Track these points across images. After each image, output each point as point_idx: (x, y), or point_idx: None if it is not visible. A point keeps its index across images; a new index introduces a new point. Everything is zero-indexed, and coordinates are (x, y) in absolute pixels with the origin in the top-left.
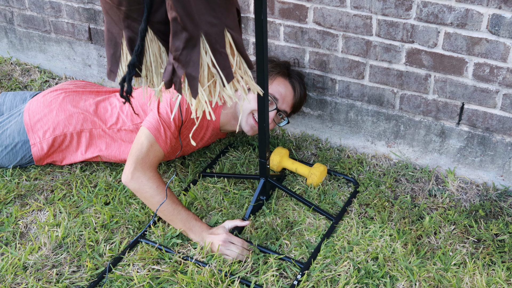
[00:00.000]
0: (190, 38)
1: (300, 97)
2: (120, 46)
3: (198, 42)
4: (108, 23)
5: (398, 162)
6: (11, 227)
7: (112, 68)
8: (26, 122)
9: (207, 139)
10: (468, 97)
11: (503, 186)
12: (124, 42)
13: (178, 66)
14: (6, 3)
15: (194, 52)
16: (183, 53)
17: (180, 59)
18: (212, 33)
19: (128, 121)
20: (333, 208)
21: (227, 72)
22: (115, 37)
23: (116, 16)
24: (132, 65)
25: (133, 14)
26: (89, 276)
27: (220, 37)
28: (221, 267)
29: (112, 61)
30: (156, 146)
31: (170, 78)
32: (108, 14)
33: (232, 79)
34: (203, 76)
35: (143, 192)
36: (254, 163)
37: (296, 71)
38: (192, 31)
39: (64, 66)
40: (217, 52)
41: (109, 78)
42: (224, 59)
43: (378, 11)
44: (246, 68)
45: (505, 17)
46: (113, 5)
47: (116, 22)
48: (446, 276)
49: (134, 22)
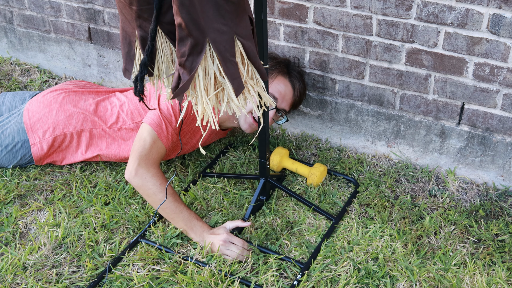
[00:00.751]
0: (195, 45)
1: (299, 95)
2: (133, 45)
3: (204, 49)
4: (123, 22)
5: (398, 162)
6: (11, 227)
7: (127, 67)
8: (26, 122)
9: (207, 137)
10: (468, 97)
11: (503, 186)
12: (137, 41)
13: (184, 73)
14: (5, 3)
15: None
16: (188, 59)
17: (185, 65)
18: (221, 40)
19: (129, 120)
20: (333, 208)
21: (237, 82)
22: (129, 35)
23: (129, 15)
24: (143, 64)
25: (144, 13)
26: (89, 276)
27: (230, 45)
28: (221, 267)
29: (127, 60)
30: (159, 142)
31: (176, 84)
32: (122, 12)
33: (242, 89)
34: (210, 84)
35: (146, 189)
36: (254, 163)
37: (296, 69)
38: (198, 38)
39: (64, 66)
40: (227, 60)
41: (125, 76)
42: (234, 68)
43: (378, 11)
44: (259, 78)
45: (506, 17)
46: (126, 4)
47: (130, 21)
48: (446, 276)
49: (145, 21)
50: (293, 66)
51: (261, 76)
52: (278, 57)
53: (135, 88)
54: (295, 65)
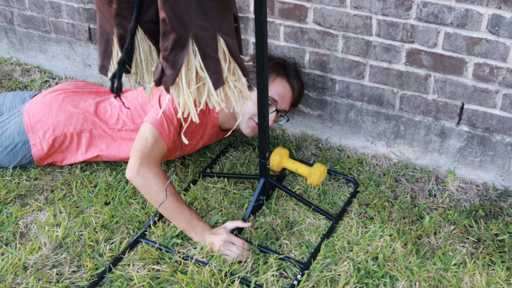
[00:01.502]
0: (178, 40)
1: (298, 94)
2: (111, 43)
3: (187, 44)
4: (101, 20)
5: (398, 162)
6: (11, 227)
7: (104, 64)
8: (26, 123)
9: (207, 138)
10: (468, 97)
11: (503, 186)
12: (115, 39)
13: (166, 66)
14: (6, 3)
15: (182, 53)
16: (171, 54)
17: (168, 59)
18: (203, 36)
19: (129, 121)
20: (333, 208)
21: (217, 77)
22: (106, 33)
23: (107, 13)
24: (122, 62)
25: (123, 12)
26: (89, 276)
27: (212, 41)
28: (221, 267)
29: (104, 57)
30: (161, 141)
31: (159, 76)
32: (101, 10)
33: (221, 84)
34: (191, 78)
35: (148, 188)
36: (254, 163)
37: (292, 67)
38: (180, 33)
39: (64, 66)
40: (207, 56)
41: (101, 73)
42: (214, 63)
43: (378, 11)
44: (240, 75)
45: (505, 17)
46: (105, 2)
47: (108, 19)
48: (446, 276)
49: (124, 20)
50: (289, 66)
51: (243, 72)
52: (274, 58)
53: (112, 85)
54: (291, 64)
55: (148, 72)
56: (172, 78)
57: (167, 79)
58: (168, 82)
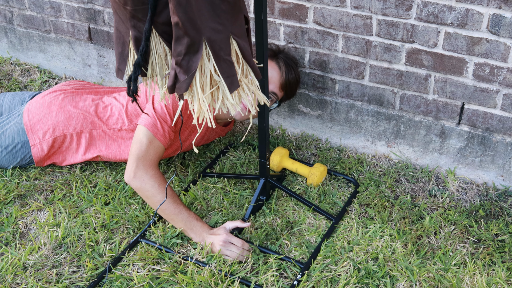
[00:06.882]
0: (192, 44)
1: (288, 78)
2: (127, 45)
3: (201, 48)
4: (117, 22)
5: (398, 162)
6: (11, 227)
7: (120, 66)
8: (26, 123)
9: (203, 133)
10: (468, 97)
11: (503, 186)
12: (131, 41)
13: (180, 71)
14: (6, 3)
15: (196, 57)
16: (185, 58)
17: (182, 64)
18: (216, 39)
19: (128, 121)
20: (333, 208)
21: (231, 80)
22: (123, 35)
23: (123, 15)
24: (137, 64)
25: (138, 14)
26: (89, 276)
27: (225, 44)
28: (221, 267)
29: (120, 60)
30: (155, 141)
31: (173, 83)
32: (117, 12)
33: (236, 87)
34: (205, 83)
35: (145, 191)
36: (254, 163)
37: (287, 55)
38: (194, 37)
39: (64, 66)
40: (221, 59)
41: (117, 76)
42: (228, 66)
43: (378, 11)
44: (253, 77)
45: (505, 17)
46: (120, 4)
47: (124, 21)
48: (446, 276)
49: (139, 22)
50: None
51: (255, 75)
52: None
53: (128, 88)
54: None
55: (162, 76)
56: (187, 84)
57: (181, 85)
58: (182, 88)
